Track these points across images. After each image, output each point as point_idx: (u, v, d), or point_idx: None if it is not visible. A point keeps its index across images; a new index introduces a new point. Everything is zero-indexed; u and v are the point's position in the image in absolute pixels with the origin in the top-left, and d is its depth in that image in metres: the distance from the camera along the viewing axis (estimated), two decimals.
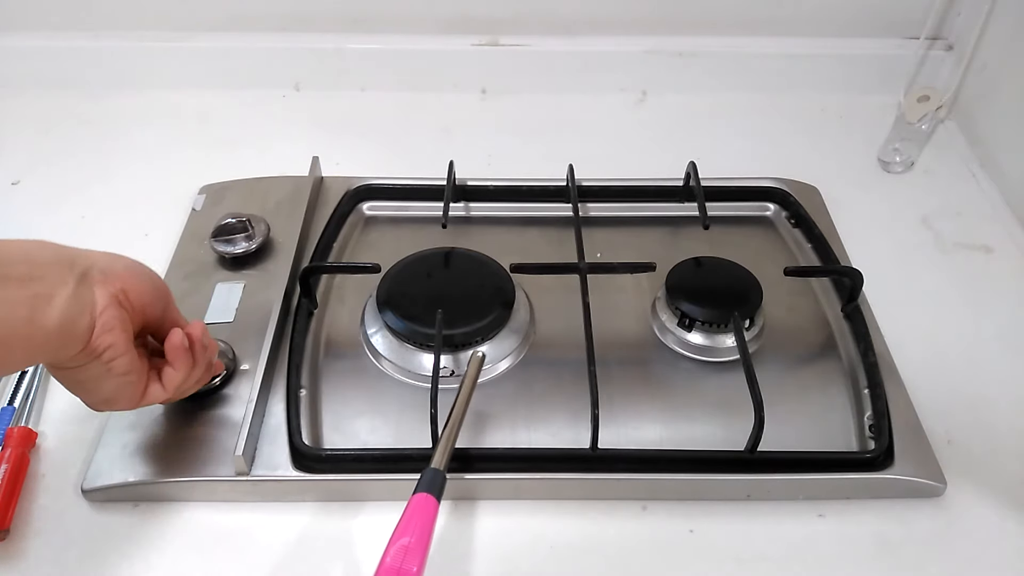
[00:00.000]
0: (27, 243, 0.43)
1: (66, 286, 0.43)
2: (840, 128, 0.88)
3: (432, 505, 0.47)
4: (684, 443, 0.57)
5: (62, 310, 0.42)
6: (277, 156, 0.80)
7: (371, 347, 0.62)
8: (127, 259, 0.48)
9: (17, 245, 0.43)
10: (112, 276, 0.46)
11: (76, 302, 0.43)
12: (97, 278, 0.45)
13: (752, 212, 0.76)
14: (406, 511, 0.46)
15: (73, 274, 0.44)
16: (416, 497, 0.47)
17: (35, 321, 0.41)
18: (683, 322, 0.63)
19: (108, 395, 0.48)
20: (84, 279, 0.44)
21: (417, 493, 0.47)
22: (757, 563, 0.52)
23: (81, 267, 0.44)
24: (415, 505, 0.47)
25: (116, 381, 0.47)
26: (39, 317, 0.41)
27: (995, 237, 0.75)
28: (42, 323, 0.42)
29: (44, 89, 0.88)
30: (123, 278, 0.46)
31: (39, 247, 0.44)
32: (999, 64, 0.81)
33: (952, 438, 0.58)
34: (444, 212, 0.68)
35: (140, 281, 0.48)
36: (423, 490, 0.47)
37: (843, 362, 0.62)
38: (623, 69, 0.90)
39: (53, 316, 0.42)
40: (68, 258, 0.44)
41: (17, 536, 0.52)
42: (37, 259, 0.43)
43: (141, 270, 0.49)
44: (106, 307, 0.45)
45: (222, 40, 0.88)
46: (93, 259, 0.46)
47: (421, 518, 0.46)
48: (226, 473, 0.54)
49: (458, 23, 0.87)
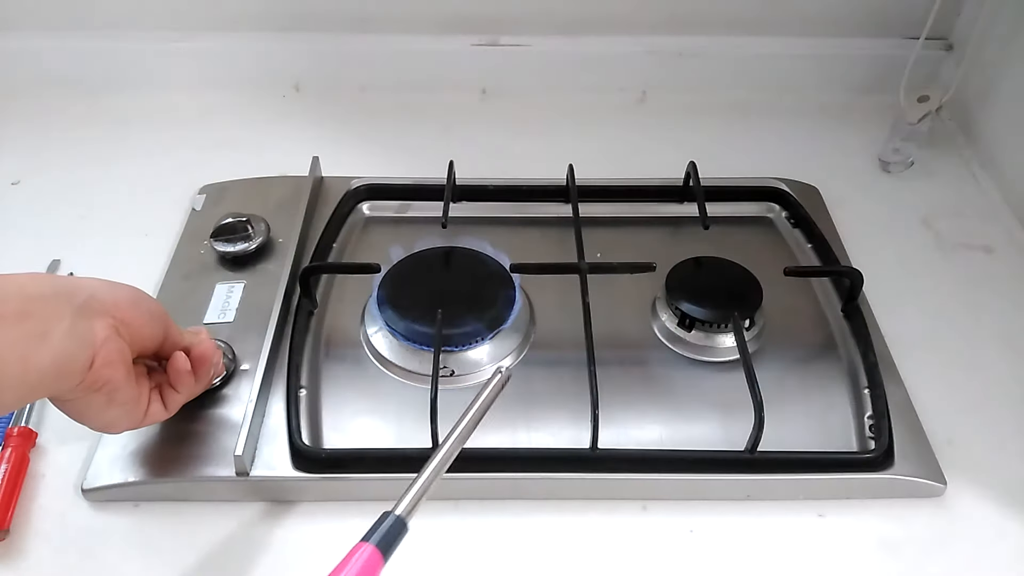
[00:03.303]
0: (21, 277, 0.42)
1: (63, 320, 0.42)
2: (840, 128, 0.87)
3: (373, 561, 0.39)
4: (684, 443, 0.57)
5: (57, 347, 0.41)
6: (277, 156, 0.80)
7: (371, 347, 0.62)
8: (125, 287, 0.48)
9: (11, 280, 0.42)
10: (111, 306, 0.45)
11: (73, 337, 0.42)
12: (96, 309, 0.44)
13: (752, 212, 0.76)
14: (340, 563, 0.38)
15: (71, 307, 0.43)
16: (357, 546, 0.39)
17: (29, 360, 0.40)
18: (683, 322, 0.63)
19: (107, 423, 0.48)
20: (82, 311, 0.43)
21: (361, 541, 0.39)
22: (757, 563, 0.53)
23: (80, 298, 0.44)
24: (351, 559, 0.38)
25: (117, 410, 0.47)
26: (32, 356, 0.40)
27: (995, 237, 0.75)
28: (36, 362, 0.41)
29: (44, 89, 0.88)
30: (122, 308, 0.46)
31: (34, 281, 0.43)
32: (999, 64, 0.81)
33: (952, 438, 0.58)
34: (444, 212, 0.68)
35: (139, 310, 0.47)
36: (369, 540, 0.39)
37: (843, 362, 0.62)
38: (623, 69, 0.90)
39: (47, 354, 0.41)
40: (65, 290, 0.43)
41: (17, 536, 0.52)
42: (32, 294, 0.42)
43: (139, 297, 0.48)
44: (106, 339, 0.44)
45: (222, 40, 0.88)
46: (92, 288, 0.45)
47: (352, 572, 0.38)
48: (226, 473, 0.54)
49: (458, 23, 0.87)
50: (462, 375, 0.60)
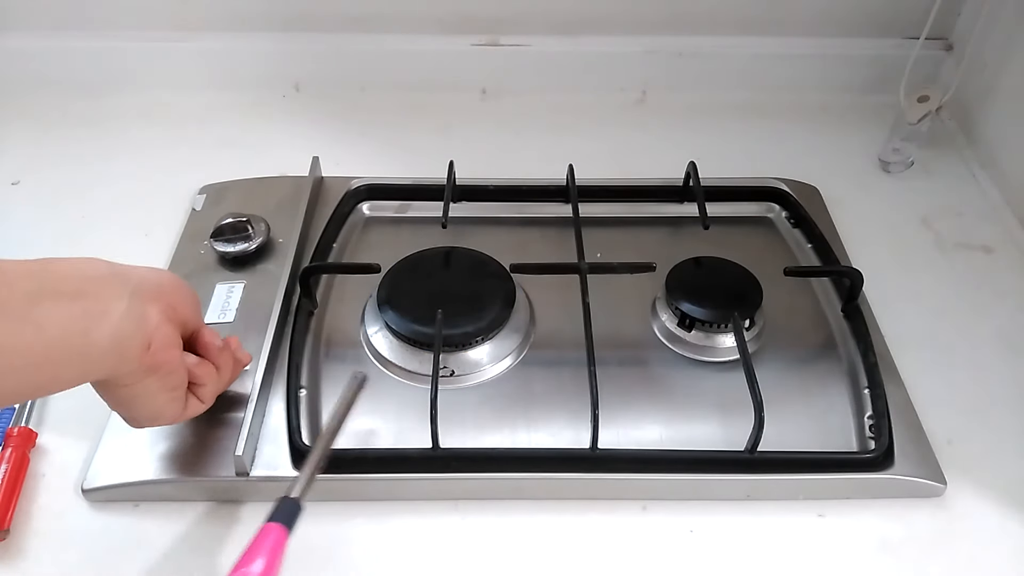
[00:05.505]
0: (79, 260, 0.44)
1: (121, 301, 0.43)
2: (840, 128, 0.87)
3: (280, 537, 0.46)
4: (684, 443, 0.57)
5: (116, 326, 0.42)
6: (277, 156, 0.80)
7: (371, 347, 0.62)
8: (168, 273, 0.49)
9: (69, 263, 0.43)
10: (160, 292, 0.46)
11: (130, 318, 0.43)
12: (149, 294, 0.45)
13: (752, 212, 0.76)
14: (252, 541, 0.45)
15: (126, 288, 0.44)
16: (266, 527, 0.46)
17: (90, 336, 0.41)
18: (683, 322, 0.63)
19: (155, 410, 0.48)
20: (136, 294, 0.44)
21: (267, 523, 0.46)
22: (757, 563, 0.53)
23: (132, 282, 0.45)
24: (262, 536, 0.45)
25: (166, 396, 0.48)
26: (94, 332, 0.41)
27: (995, 237, 0.75)
28: (97, 339, 0.42)
29: (44, 89, 0.88)
30: (169, 293, 0.47)
31: (90, 264, 0.44)
32: (999, 64, 0.81)
33: (952, 438, 0.58)
34: (444, 212, 0.68)
35: (184, 295, 0.49)
36: (275, 520, 0.46)
37: (843, 362, 0.62)
38: (623, 69, 0.90)
39: (107, 332, 0.42)
40: (121, 274, 0.45)
41: (17, 536, 0.52)
42: (90, 275, 0.43)
43: (181, 283, 0.49)
44: (160, 323, 0.45)
45: (222, 40, 0.88)
46: (141, 275, 0.46)
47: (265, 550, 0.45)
48: (226, 473, 0.54)
49: (458, 23, 0.87)
50: (462, 375, 0.60)
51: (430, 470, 0.55)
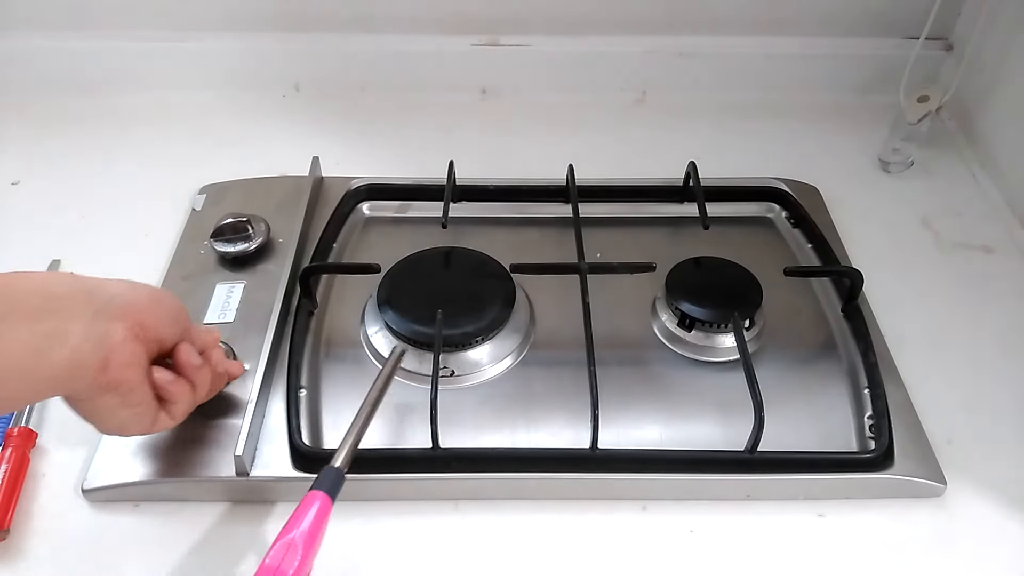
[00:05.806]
0: (46, 276, 0.44)
1: (81, 319, 0.43)
2: (840, 128, 0.87)
3: (324, 504, 0.47)
4: (684, 443, 0.57)
5: (73, 347, 0.42)
6: (277, 156, 0.80)
7: (371, 347, 0.62)
8: (147, 288, 0.48)
9: (35, 279, 0.43)
10: (129, 310, 0.45)
11: (89, 338, 0.43)
12: (115, 312, 0.45)
13: (752, 212, 0.76)
14: (296, 509, 0.46)
15: (91, 307, 0.43)
16: (309, 495, 0.47)
17: (45, 357, 0.41)
18: (683, 322, 0.63)
19: (118, 425, 0.48)
20: (101, 313, 0.44)
21: (311, 491, 0.47)
22: (757, 563, 0.53)
23: (100, 299, 0.44)
24: (305, 504, 0.46)
25: (129, 412, 0.47)
26: (49, 353, 0.41)
27: (995, 237, 0.75)
28: (54, 359, 0.41)
29: (44, 89, 0.88)
30: (142, 310, 0.46)
31: (57, 280, 0.44)
32: (999, 64, 0.81)
33: (952, 438, 0.58)
34: (444, 212, 0.68)
35: (159, 310, 0.48)
36: (318, 488, 0.47)
37: (843, 362, 0.62)
38: (623, 69, 0.90)
39: (64, 353, 0.42)
40: (86, 290, 0.44)
41: (17, 536, 0.52)
42: (54, 292, 0.43)
43: (159, 297, 0.49)
44: (122, 341, 0.44)
45: (222, 40, 0.88)
46: (113, 290, 0.45)
47: (310, 517, 0.46)
48: (226, 473, 0.54)
49: (458, 23, 0.87)
50: (462, 375, 0.60)
51: (430, 470, 0.55)
